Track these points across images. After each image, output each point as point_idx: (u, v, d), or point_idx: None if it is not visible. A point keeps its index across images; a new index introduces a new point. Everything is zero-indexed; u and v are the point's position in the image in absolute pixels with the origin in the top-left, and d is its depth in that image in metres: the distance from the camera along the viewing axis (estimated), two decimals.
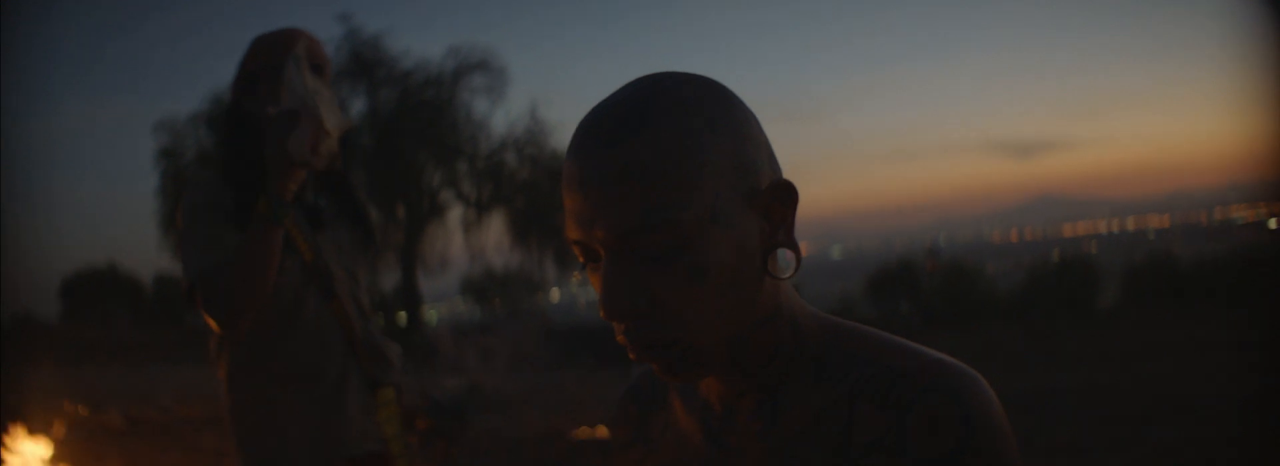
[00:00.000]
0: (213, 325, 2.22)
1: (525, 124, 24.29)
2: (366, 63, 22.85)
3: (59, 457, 6.02)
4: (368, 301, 2.54)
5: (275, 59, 2.33)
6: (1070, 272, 21.56)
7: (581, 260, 0.95)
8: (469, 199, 24.33)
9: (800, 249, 0.96)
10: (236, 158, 2.37)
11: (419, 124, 22.87)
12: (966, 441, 0.87)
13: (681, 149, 0.89)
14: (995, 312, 20.42)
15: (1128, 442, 7.36)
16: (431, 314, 28.83)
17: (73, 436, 7.30)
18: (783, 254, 0.98)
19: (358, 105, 22.84)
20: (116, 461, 7.20)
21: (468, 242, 24.55)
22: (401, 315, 23.41)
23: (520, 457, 7.65)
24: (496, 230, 24.51)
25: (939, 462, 0.88)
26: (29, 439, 5.87)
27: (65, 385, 10.45)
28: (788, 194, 0.95)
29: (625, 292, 0.89)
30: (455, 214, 24.60)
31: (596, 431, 8.20)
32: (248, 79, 2.39)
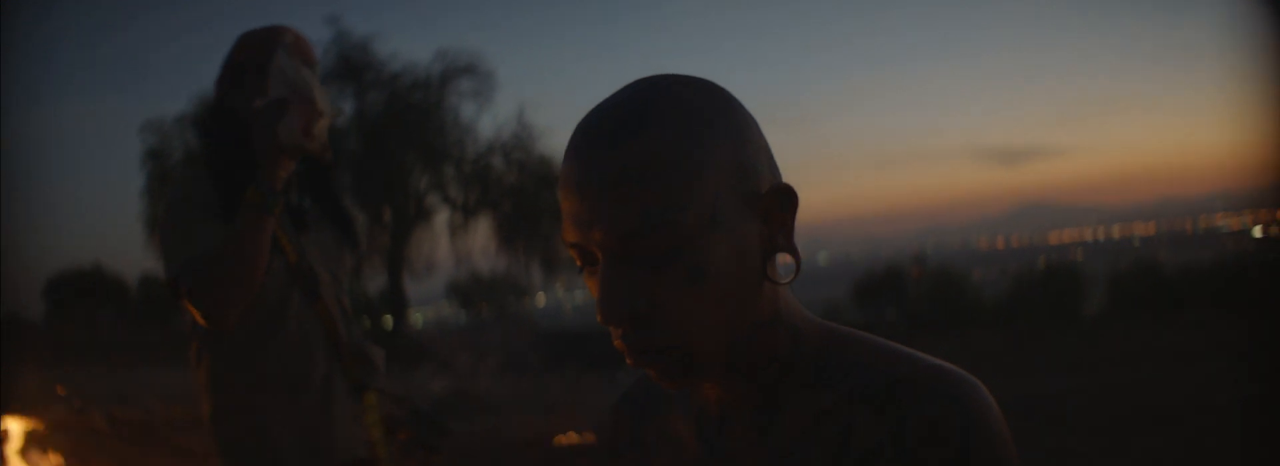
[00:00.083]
0: (199, 318, 2.14)
1: (512, 128, 24.33)
2: (354, 66, 22.81)
3: (45, 448, 6.00)
4: (350, 304, 2.50)
5: (261, 54, 2.27)
6: (1056, 280, 21.67)
7: (578, 264, 0.93)
8: (456, 202, 24.32)
9: (800, 254, 0.94)
10: (222, 153, 2.31)
11: (406, 127, 22.84)
12: (966, 448, 0.86)
13: (681, 151, 0.87)
14: (981, 319, 20.47)
15: (1114, 449, 7.38)
16: (417, 318, 28.81)
17: (56, 437, 7.27)
18: (782, 259, 0.96)
19: (345, 108, 22.78)
20: (99, 462, 7.16)
21: (454, 246, 24.55)
22: (387, 318, 23.37)
23: (506, 462, 7.63)
24: (483, 234, 24.53)
25: None
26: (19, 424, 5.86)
27: (49, 386, 10.41)
28: (788, 198, 0.93)
29: (624, 296, 0.87)
30: (442, 217, 24.62)
31: (583, 436, 8.19)
32: (233, 75, 2.33)
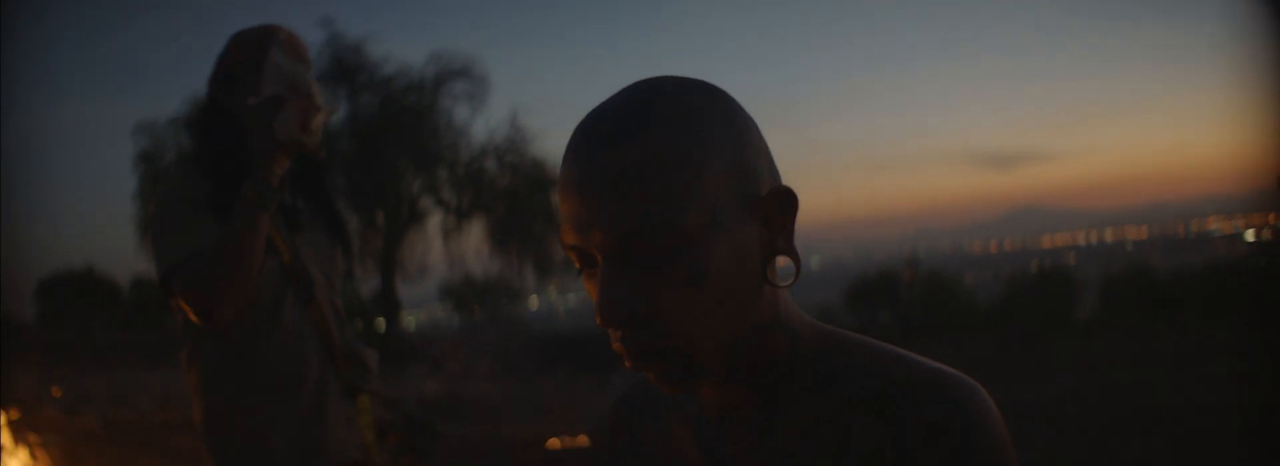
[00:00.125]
0: (191, 315, 2.12)
1: (505, 131, 24.29)
2: (347, 68, 22.76)
3: (38, 450, 6.00)
4: (342, 306, 2.48)
5: (255, 53, 2.25)
6: (1048, 284, 21.67)
7: (578, 266, 0.93)
8: (449, 206, 24.28)
9: (800, 257, 0.94)
10: (215, 153, 2.29)
11: (400, 130, 22.81)
12: (967, 452, 0.86)
13: (681, 153, 0.87)
14: (974, 323, 20.47)
15: (1107, 452, 7.39)
16: (410, 320, 28.76)
17: (49, 439, 7.25)
18: (782, 261, 0.96)
19: (336, 116, 22.66)
20: (92, 464, 7.14)
21: (447, 249, 24.49)
22: (380, 321, 23.33)
23: None
24: (476, 237, 24.47)
25: None
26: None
27: (42, 388, 10.38)
28: (788, 200, 0.93)
29: (623, 298, 0.87)
30: (435, 220, 24.56)
31: (577, 440, 8.18)
32: (227, 75, 2.30)
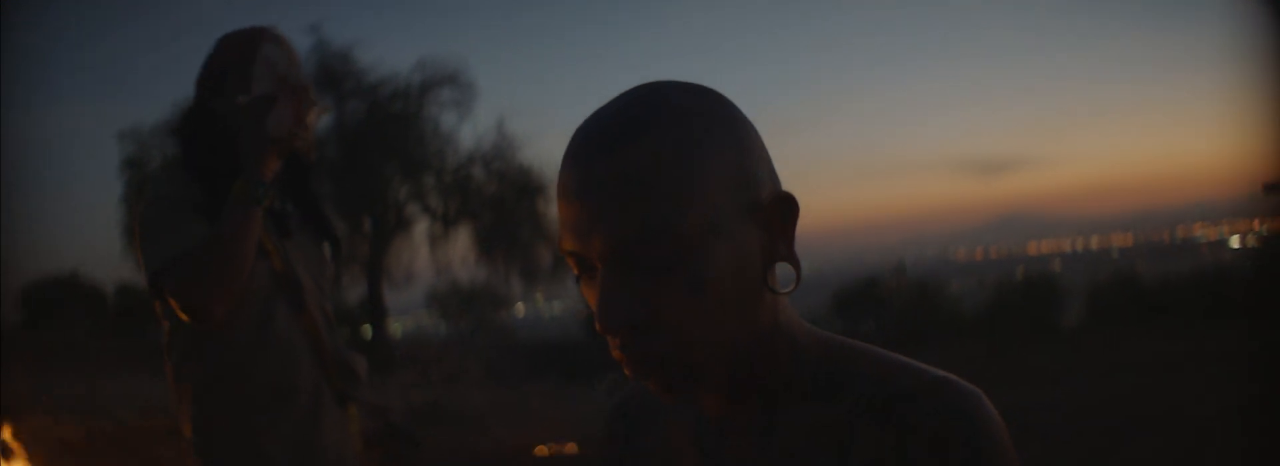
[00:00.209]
0: (181, 314, 2.07)
1: (492, 138, 24.30)
2: (334, 75, 22.73)
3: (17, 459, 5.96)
4: (332, 312, 2.45)
5: (244, 55, 2.23)
6: (1034, 290, 21.69)
7: (576, 272, 0.92)
8: (436, 212, 24.26)
9: (800, 263, 0.93)
10: (203, 155, 2.25)
11: (386, 137, 22.79)
12: (970, 460, 0.85)
13: (681, 158, 0.86)
14: (960, 330, 20.48)
15: (1093, 459, 7.39)
16: (397, 327, 28.69)
17: (33, 448, 7.20)
18: (782, 268, 0.95)
19: (325, 117, 22.64)
20: None
21: (434, 256, 24.49)
22: (366, 328, 23.29)
23: None
24: (463, 244, 24.47)
25: None
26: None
27: (24, 394, 10.31)
28: (789, 206, 0.92)
29: (623, 305, 0.86)
30: (422, 227, 24.54)
31: (564, 448, 8.15)
32: (215, 77, 2.28)
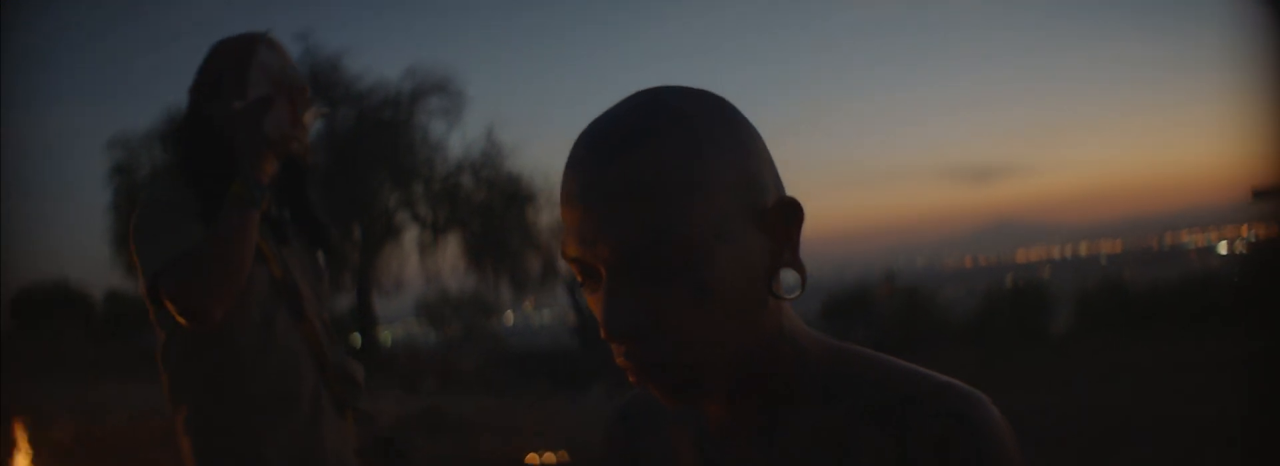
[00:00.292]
0: (179, 317, 2.04)
1: (481, 146, 24.32)
2: (324, 83, 22.73)
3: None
4: (330, 320, 2.44)
5: (239, 60, 2.22)
6: (1024, 297, 21.72)
7: (580, 279, 0.91)
8: (425, 221, 24.28)
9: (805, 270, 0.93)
10: (198, 162, 2.23)
11: (376, 145, 22.79)
12: (971, 462, 0.85)
13: (686, 163, 0.86)
14: (950, 337, 20.51)
15: (1084, 465, 7.40)
16: (386, 335, 28.66)
17: (22, 453, 7.18)
18: (786, 274, 0.95)
19: (314, 125, 22.64)
20: None
21: (423, 264, 24.48)
22: (356, 336, 23.25)
23: None
24: (452, 252, 24.48)
25: None
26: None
27: (14, 401, 10.27)
28: (794, 212, 0.91)
29: (628, 312, 0.86)
30: (411, 235, 24.56)
31: (553, 455, 8.14)
32: (209, 83, 2.26)
